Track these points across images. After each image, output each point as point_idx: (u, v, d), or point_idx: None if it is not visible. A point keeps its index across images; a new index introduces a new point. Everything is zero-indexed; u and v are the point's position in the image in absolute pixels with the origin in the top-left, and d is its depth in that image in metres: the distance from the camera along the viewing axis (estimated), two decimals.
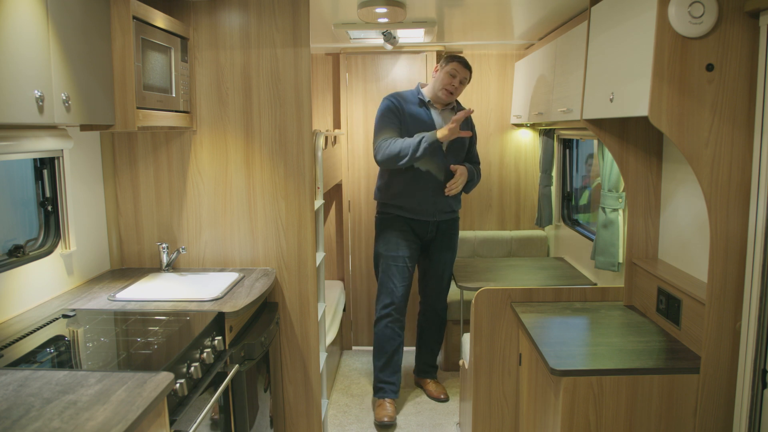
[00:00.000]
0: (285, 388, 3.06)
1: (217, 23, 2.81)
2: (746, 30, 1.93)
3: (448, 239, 3.75)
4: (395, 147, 3.37)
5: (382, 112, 3.55)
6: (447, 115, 3.62)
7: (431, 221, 3.63)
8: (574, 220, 4.20)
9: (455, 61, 3.52)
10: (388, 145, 3.40)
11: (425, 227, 3.65)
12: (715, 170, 1.99)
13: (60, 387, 1.58)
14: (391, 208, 3.64)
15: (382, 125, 3.51)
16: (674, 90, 1.97)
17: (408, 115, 3.52)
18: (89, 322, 2.14)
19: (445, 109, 3.65)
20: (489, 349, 2.82)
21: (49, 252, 2.44)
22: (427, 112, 3.58)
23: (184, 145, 2.90)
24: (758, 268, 1.91)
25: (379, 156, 3.46)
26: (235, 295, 2.48)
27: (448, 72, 3.50)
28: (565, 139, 4.18)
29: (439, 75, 3.54)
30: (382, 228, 3.70)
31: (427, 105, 3.59)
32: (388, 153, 3.39)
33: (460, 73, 3.51)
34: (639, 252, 2.71)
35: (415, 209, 3.58)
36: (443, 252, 3.75)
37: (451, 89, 3.52)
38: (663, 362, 2.15)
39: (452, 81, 3.50)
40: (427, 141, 3.31)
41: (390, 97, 3.60)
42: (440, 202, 3.60)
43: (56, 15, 1.83)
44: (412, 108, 3.55)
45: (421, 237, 3.68)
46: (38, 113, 1.72)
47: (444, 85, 3.51)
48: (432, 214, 3.60)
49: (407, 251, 3.61)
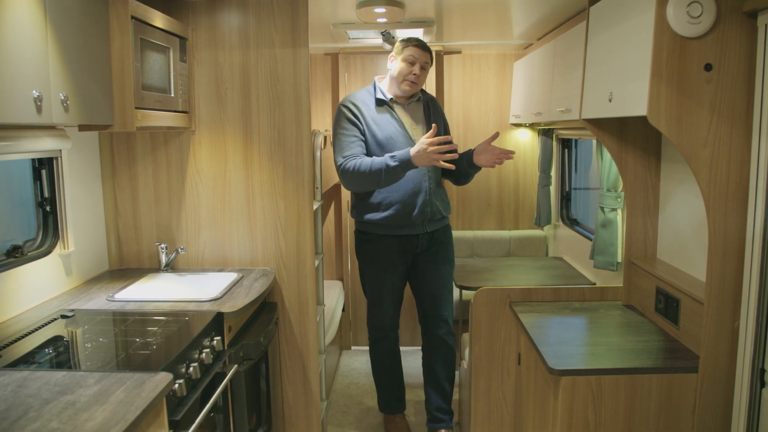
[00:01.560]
0: (284, 389, 3.06)
1: (215, 23, 2.81)
2: (744, 30, 1.93)
3: (444, 250, 3.23)
4: (362, 170, 2.87)
5: (338, 124, 3.05)
6: (414, 110, 3.15)
7: (421, 234, 3.13)
8: (573, 220, 4.21)
9: (411, 45, 3.01)
10: (353, 168, 2.90)
11: (414, 241, 3.14)
12: (713, 170, 1.99)
13: (59, 387, 1.58)
14: (372, 227, 3.13)
15: (340, 143, 3.00)
16: (673, 90, 1.97)
17: (370, 121, 3.03)
18: (88, 322, 2.14)
19: (411, 102, 3.15)
20: (488, 348, 2.82)
21: (47, 252, 2.44)
22: (391, 112, 3.08)
23: (183, 145, 2.90)
24: (756, 268, 1.91)
25: (344, 181, 3.02)
26: (234, 295, 2.48)
27: (406, 59, 3.00)
28: (564, 139, 4.18)
29: (396, 65, 3.04)
30: (364, 250, 3.23)
31: (389, 103, 3.09)
32: (355, 178, 2.92)
33: (419, 59, 3.00)
34: (638, 252, 2.71)
35: (402, 224, 3.07)
36: (440, 265, 3.22)
37: (414, 78, 3.01)
38: (662, 362, 2.15)
39: (412, 69, 3.00)
40: (398, 162, 2.81)
41: (344, 103, 3.09)
42: (429, 211, 3.08)
43: (54, 15, 1.82)
44: (372, 111, 3.06)
45: (411, 252, 3.18)
46: (36, 113, 1.72)
47: (404, 76, 3.01)
48: (421, 225, 3.10)
49: (396, 274, 3.18)
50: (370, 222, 3.11)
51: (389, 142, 3.02)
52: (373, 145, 3.02)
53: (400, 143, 3.02)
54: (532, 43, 4.17)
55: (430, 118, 3.15)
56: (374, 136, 3.02)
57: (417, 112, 3.16)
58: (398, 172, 2.85)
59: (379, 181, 2.89)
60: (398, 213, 3.05)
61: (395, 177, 2.88)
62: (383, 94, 3.10)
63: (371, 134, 3.02)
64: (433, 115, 3.17)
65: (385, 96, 3.09)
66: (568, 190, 4.26)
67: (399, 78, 3.03)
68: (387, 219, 3.06)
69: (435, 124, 2.79)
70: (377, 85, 3.13)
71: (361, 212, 3.14)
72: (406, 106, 3.14)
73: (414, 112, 3.15)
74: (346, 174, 2.94)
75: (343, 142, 3.00)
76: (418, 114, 3.16)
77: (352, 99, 3.11)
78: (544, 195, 4.31)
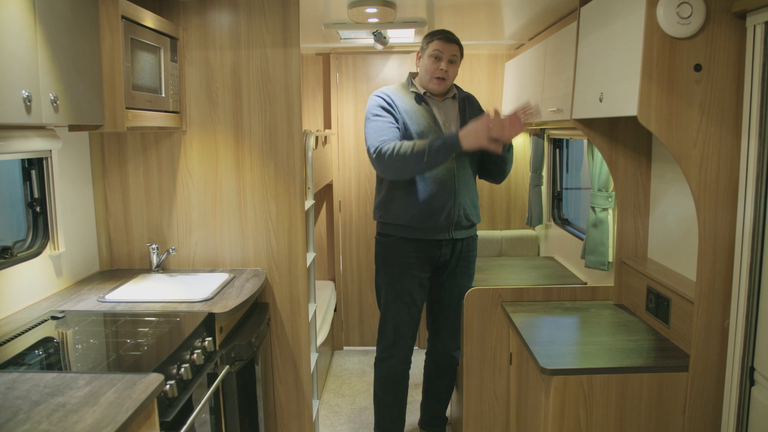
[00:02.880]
0: (276, 389, 3.05)
1: (206, 23, 2.80)
2: (733, 31, 1.94)
3: (465, 263, 3.03)
4: (402, 152, 2.67)
5: (373, 111, 2.87)
6: (449, 108, 2.99)
7: (445, 240, 2.93)
8: (564, 220, 4.22)
9: (435, 38, 2.86)
10: (393, 150, 2.68)
11: (437, 248, 2.94)
12: (703, 170, 2.00)
13: (49, 389, 1.57)
14: (395, 229, 2.93)
15: (376, 126, 2.82)
16: (663, 90, 1.98)
17: (404, 113, 2.86)
18: (78, 323, 2.13)
19: (446, 99, 2.99)
20: (480, 348, 2.83)
21: (37, 253, 2.43)
22: (427, 107, 2.91)
23: (174, 146, 2.89)
24: (746, 267, 1.93)
25: (380, 165, 2.77)
26: (226, 295, 2.48)
27: (431, 55, 2.87)
28: (555, 139, 4.19)
29: (423, 62, 2.93)
30: (383, 254, 3.01)
31: (424, 98, 2.93)
32: (394, 161, 2.69)
33: (445, 52, 2.85)
34: (628, 251, 2.72)
35: (425, 226, 2.87)
36: (460, 279, 3.03)
37: (442, 74, 2.86)
38: (652, 361, 2.16)
39: (439, 65, 2.85)
40: (442, 141, 2.63)
41: (378, 92, 2.94)
42: (455, 214, 2.88)
43: (44, 15, 1.81)
44: (407, 104, 2.89)
45: (433, 261, 2.96)
46: (26, 113, 1.71)
47: (431, 73, 2.87)
48: (446, 230, 2.90)
49: (414, 283, 2.95)
50: (390, 223, 2.94)
51: (422, 137, 2.82)
52: (405, 138, 2.84)
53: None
54: (524, 43, 4.18)
55: (466, 118, 2.94)
56: (407, 130, 2.84)
57: (452, 110, 2.99)
58: (441, 154, 2.63)
59: (421, 164, 2.66)
60: (422, 214, 2.86)
61: (439, 159, 2.66)
62: (417, 88, 2.95)
63: (405, 127, 2.84)
64: (469, 114, 2.97)
65: (419, 90, 2.94)
66: (560, 190, 4.27)
67: (426, 76, 2.89)
68: (409, 220, 2.87)
69: (496, 109, 2.60)
70: (411, 80, 3.00)
71: (383, 212, 2.96)
72: (441, 103, 2.97)
73: (448, 109, 2.98)
74: (383, 157, 2.71)
75: (378, 127, 2.81)
76: (452, 112, 2.99)
77: (385, 90, 2.96)
78: (535, 195, 4.32)
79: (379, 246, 3.03)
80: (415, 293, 2.96)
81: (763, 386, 1.88)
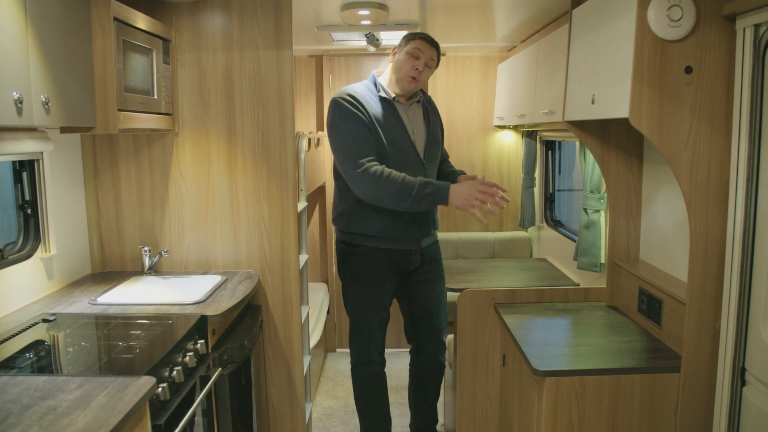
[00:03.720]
0: (269, 392, 3.05)
1: (199, 25, 2.79)
2: (723, 33, 1.95)
3: (437, 266, 2.98)
4: (392, 180, 2.53)
5: (341, 121, 2.66)
6: (415, 113, 2.84)
7: (414, 249, 2.85)
8: (556, 221, 4.23)
9: (419, 38, 2.71)
10: (380, 176, 2.54)
11: (408, 257, 2.85)
12: (694, 171, 2.02)
13: (39, 393, 1.56)
14: (363, 239, 2.80)
15: (355, 138, 2.63)
16: (654, 92, 1.99)
17: (374, 119, 2.67)
18: (70, 326, 2.12)
19: (412, 104, 2.84)
20: (473, 350, 2.83)
21: (28, 255, 2.41)
22: (395, 113, 2.74)
23: (166, 148, 2.88)
24: (737, 268, 1.94)
25: (363, 187, 2.60)
26: (218, 298, 2.47)
27: (410, 53, 2.69)
28: (548, 141, 4.21)
29: (399, 58, 2.73)
30: (349, 265, 2.89)
31: (392, 103, 2.76)
32: (378, 187, 2.55)
33: (425, 53, 2.69)
34: (621, 253, 2.73)
35: (397, 237, 2.78)
36: (436, 284, 2.98)
37: (415, 74, 2.70)
38: (644, 362, 2.17)
39: (416, 64, 2.68)
40: (431, 192, 2.52)
41: (342, 96, 2.69)
42: (424, 223, 2.83)
43: (36, 16, 1.81)
44: (376, 109, 2.70)
45: (402, 269, 2.88)
46: (17, 115, 1.70)
47: (405, 70, 2.69)
48: (416, 239, 2.83)
49: (386, 292, 2.88)
50: (359, 233, 2.80)
51: (392, 148, 2.69)
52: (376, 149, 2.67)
53: (403, 150, 2.73)
54: (516, 45, 4.19)
55: (430, 123, 2.87)
56: (378, 139, 2.66)
57: (417, 115, 2.85)
58: (426, 204, 2.54)
59: (403, 203, 2.55)
60: (394, 224, 2.74)
61: (422, 206, 2.56)
62: (386, 91, 2.76)
63: (375, 137, 2.66)
64: (432, 120, 2.90)
65: (388, 94, 2.76)
66: (552, 192, 4.29)
67: (399, 72, 2.71)
68: (380, 230, 2.76)
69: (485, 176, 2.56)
70: (377, 81, 2.80)
71: (350, 221, 2.81)
72: (408, 108, 2.81)
73: (415, 114, 2.83)
74: (369, 177, 2.55)
75: (355, 141, 2.62)
76: (418, 117, 2.85)
77: (351, 92, 2.70)
78: (528, 196, 4.34)
79: (347, 255, 2.90)
80: (386, 300, 2.91)
81: (755, 386, 1.89)
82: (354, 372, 3.05)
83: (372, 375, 2.99)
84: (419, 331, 3.01)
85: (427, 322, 2.98)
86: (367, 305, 2.89)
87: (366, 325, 2.90)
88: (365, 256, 2.83)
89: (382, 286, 2.87)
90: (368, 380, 3.01)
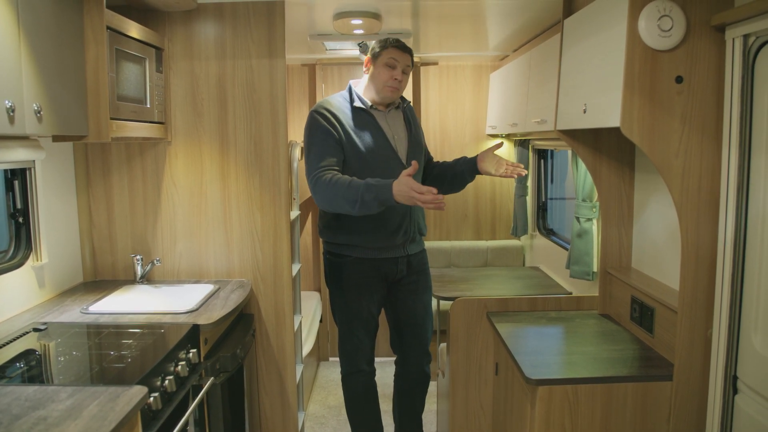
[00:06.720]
0: (261, 401, 3.03)
1: (192, 34, 2.80)
2: (713, 43, 1.97)
3: (424, 276, 2.95)
4: (339, 186, 2.49)
5: (311, 133, 2.70)
6: (395, 119, 2.84)
7: (401, 257, 2.84)
8: (549, 230, 4.24)
9: (390, 46, 2.70)
10: (329, 181, 2.53)
11: (394, 266, 2.84)
12: (685, 180, 2.03)
13: (30, 403, 1.55)
14: (348, 249, 2.81)
15: (315, 150, 2.66)
16: (645, 101, 2.00)
17: (349, 131, 2.70)
18: (61, 335, 2.10)
19: (391, 110, 2.83)
20: (465, 358, 2.83)
21: (19, 264, 2.40)
22: (372, 121, 2.76)
23: (159, 156, 2.87)
24: (728, 276, 1.95)
25: (317, 196, 2.61)
26: (210, 307, 2.46)
27: (386, 63, 2.69)
28: (540, 150, 4.23)
29: (375, 70, 2.73)
30: (336, 275, 2.87)
31: (369, 112, 2.76)
32: (329, 194, 2.54)
33: (400, 61, 2.70)
34: (613, 261, 2.74)
35: (383, 246, 2.78)
36: (422, 294, 2.95)
37: (396, 85, 2.71)
38: (637, 370, 2.17)
39: (393, 74, 2.69)
40: (375, 194, 2.41)
41: (317, 110, 2.73)
42: (411, 230, 2.83)
43: (28, 25, 1.81)
44: (351, 120, 2.73)
45: (389, 278, 2.86)
46: (9, 124, 1.70)
47: (384, 81, 2.70)
48: (402, 246, 2.83)
49: (373, 301, 2.86)
50: (345, 244, 2.81)
51: (371, 155, 2.71)
52: (353, 159, 2.68)
53: (384, 156, 2.73)
54: (508, 54, 4.22)
55: (411, 128, 2.88)
56: (354, 148, 2.68)
57: (397, 121, 2.85)
58: (373, 207, 2.45)
59: (354, 204, 2.47)
60: (379, 233, 2.75)
61: (372, 207, 2.46)
62: (362, 101, 2.77)
63: (351, 146, 2.67)
64: (413, 125, 2.91)
65: (365, 103, 2.76)
66: (544, 200, 4.30)
67: (379, 84, 2.72)
68: (365, 240, 2.76)
69: (415, 162, 2.45)
70: (354, 90, 2.80)
71: (335, 232, 2.81)
72: (387, 115, 2.81)
73: (395, 120, 2.84)
74: (320, 186, 2.56)
75: (318, 152, 2.65)
76: (398, 123, 2.85)
77: (326, 105, 2.74)
78: (520, 205, 4.35)
79: (333, 266, 2.88)
80: (374, 309, 2.88)
81: (747, 395, 1.89)
82: (344, 382, 3.03)
83: (362, 384, 2.98)
84: (405, 341, 2.98)
85: (413, 332, 2.95)
86: (354, 315, 2.86)
87: (354, 334, 2.88)
88: (351, 266, 2.82)
89: (369, 296, 2.85)
90: (358, 390, 3.00)
